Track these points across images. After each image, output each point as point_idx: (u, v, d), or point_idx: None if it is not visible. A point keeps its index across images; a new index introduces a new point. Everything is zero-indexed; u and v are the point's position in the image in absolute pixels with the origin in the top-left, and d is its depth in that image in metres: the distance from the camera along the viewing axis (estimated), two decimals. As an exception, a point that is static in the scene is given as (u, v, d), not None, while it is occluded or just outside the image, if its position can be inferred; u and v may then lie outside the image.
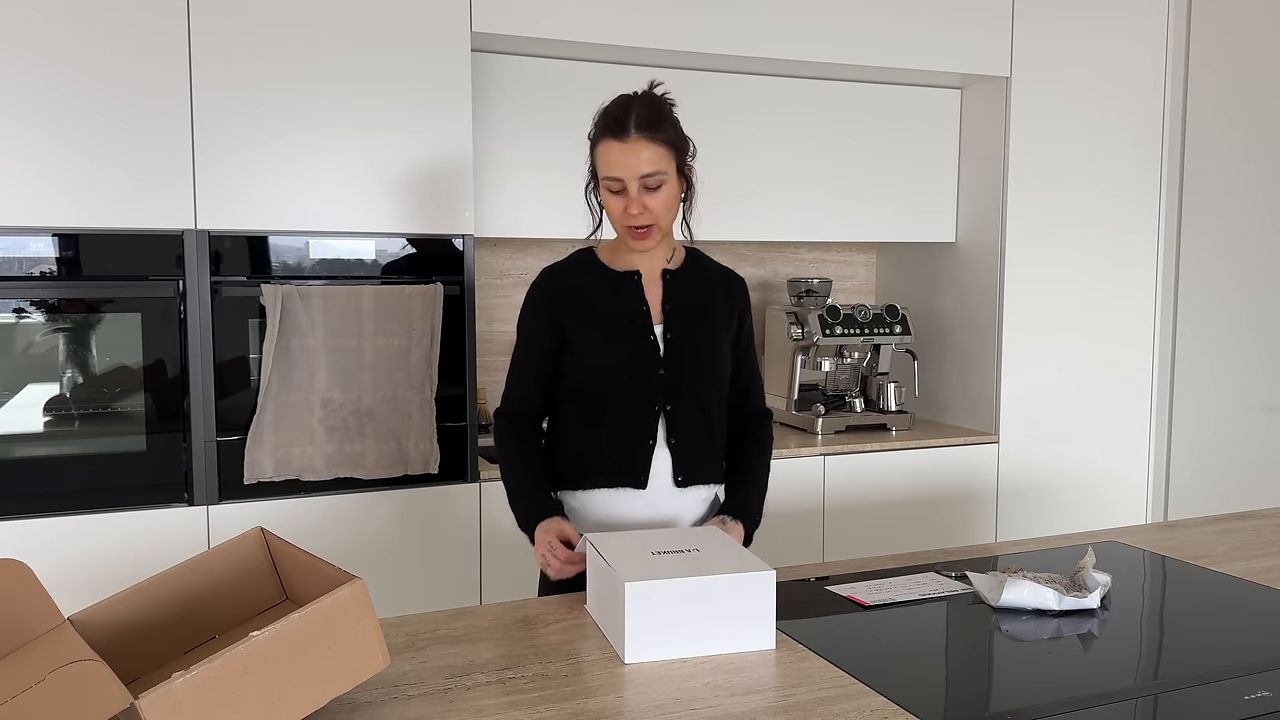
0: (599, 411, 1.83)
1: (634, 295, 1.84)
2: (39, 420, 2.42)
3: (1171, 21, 3.53)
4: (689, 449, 1.84)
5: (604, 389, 1.82)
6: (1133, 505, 3.65)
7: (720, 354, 1.87)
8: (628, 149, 1.72)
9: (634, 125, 1.71)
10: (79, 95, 2.39)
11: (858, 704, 1.27)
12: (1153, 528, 2.19)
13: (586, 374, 1.83)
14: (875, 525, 3.27)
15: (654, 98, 1.77)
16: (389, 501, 2.70)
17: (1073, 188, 3.45)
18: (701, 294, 1.88)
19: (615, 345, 1.81)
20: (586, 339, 1.82)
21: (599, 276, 1.86)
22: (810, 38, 3.10)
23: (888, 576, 1.79)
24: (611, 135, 1.73)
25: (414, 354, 2.67)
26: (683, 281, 1.88)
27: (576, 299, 1.84)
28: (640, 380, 1.81)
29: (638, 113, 1.72)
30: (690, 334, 1.84)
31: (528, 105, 2.99)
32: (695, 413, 1.84)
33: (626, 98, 1.76)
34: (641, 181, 1.73)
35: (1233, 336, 3.40)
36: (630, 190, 1.74)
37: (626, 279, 1.86)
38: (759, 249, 3.73)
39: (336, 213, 2.62)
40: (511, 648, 1.45)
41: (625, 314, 1.83)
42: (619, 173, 1.73)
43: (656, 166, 1.73)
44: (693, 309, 1.86)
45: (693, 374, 1.83)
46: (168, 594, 1.34)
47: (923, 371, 3.72)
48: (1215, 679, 1.36)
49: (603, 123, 1.76)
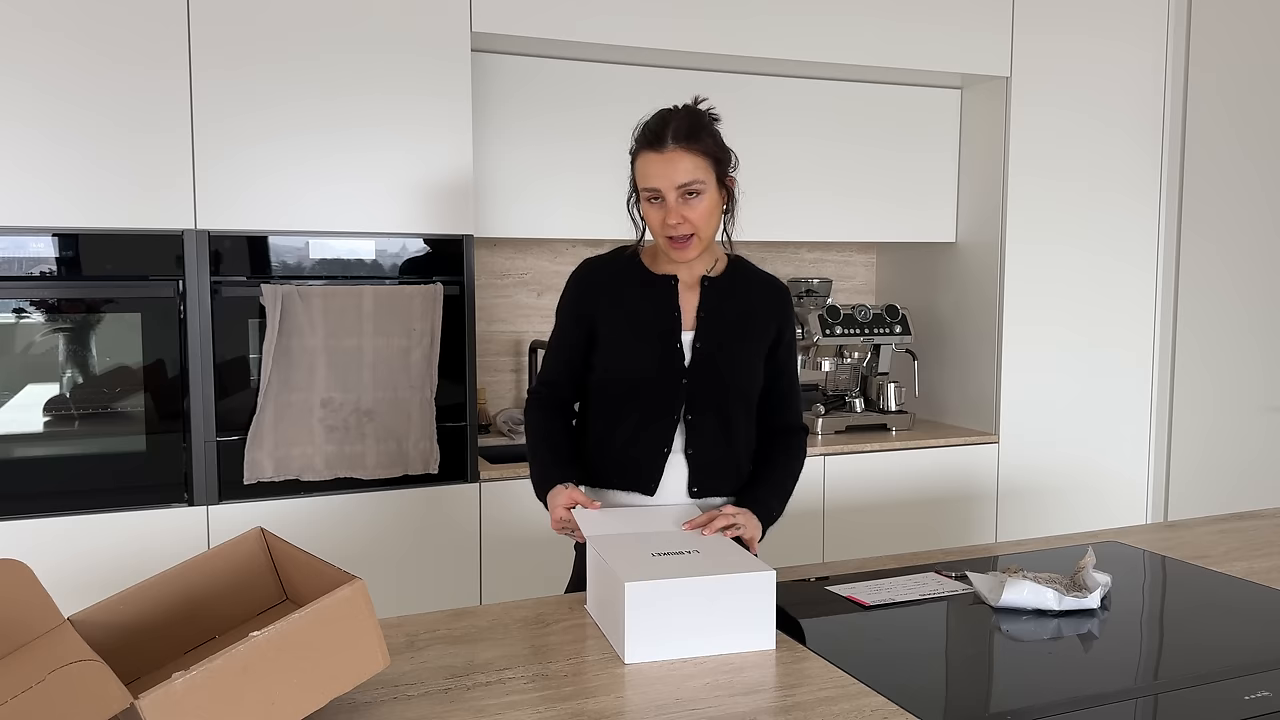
0: (619, 412, 1.83)
1: (667, 300, 1.83)
2: (39, 420, 2.42)
3: (1172, 21, 3.53)
4: (707, 460, 1.83)
5: (626, 391, 1.82)
6: (1133, 505, 3.65)
7: (750, 366, 1.85)
8: (665, 159, 1.70)
9: (671, 136, 1.70)
10: (79, 96, 2.39)
11: (858, 704, 1.27)
12: (1153, 528, 2.19)
13: (610, 373, 1.83)
14: (875, 525, 3.27)
15: (695, 111, 1.75)
16: (389, 501, 2.70)
17: (1073, 188, 3.45)
18: (740, 303, 1.86)
19: (640, 348, 1.81)
20: (613, 338, 1.82)
21: (635, 277, 1.85)
22: (811, 38, 3.10)
23: (888, 576, 1.79)
24: (649, 147, 1.72)
25: (414, 354, 2.67)
26: (721, 290, 1.85)
27: (609, 296, 1.84)
28: (662, 387, 1.80)
29: (676, 124, 1.71)
30: (721, 344, 1.82)
31: (528, 105, 2.99)
32: (716, 424, 1.82)
33: (666, 111, 1.75)
34: (679, 191, 1.71)
35: (1233, 336, 3.40)
36: (669, 201, 1.72)
37: (662, 283, 1.84)
38: (759, 249, 3.73)
39: (336, 213, 2.62)
40: (511, 648, 1.45)
41: (655, 318, 1.82)
42: (656, 183, 1.71)
43: (694, 176, 1.70)
44: (728, 319, 1.84)
45: (717, 385, 1.81)
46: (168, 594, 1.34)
47: (923, 371, 3.72)
48: (1215, 679, 1.36)
49: (642, 135, 1.75)
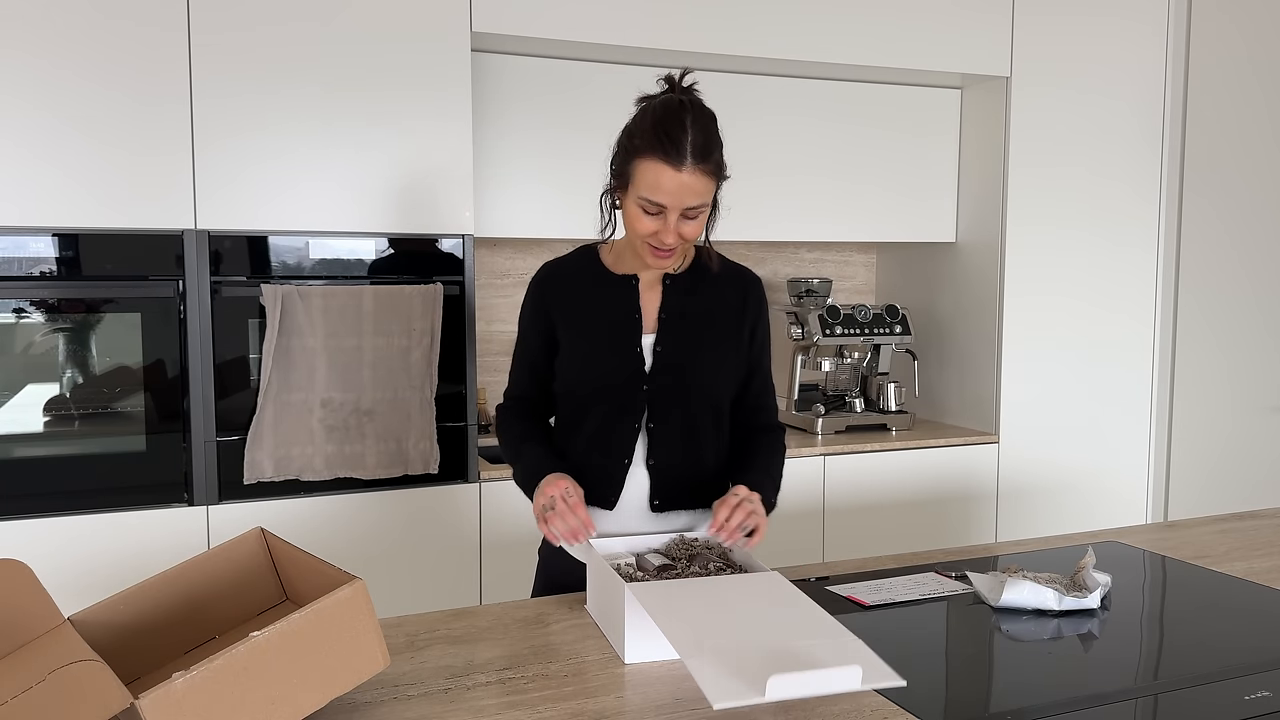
0: (579, 421, 1.74)
1: (627, 301, 1.73)
2: (39, 420, 2.42)
3: (1172, 22, 3.53)
4: (670, 472, 1.72)
5: (585, 398, 1.72)
6: (1133, 505, 3.65)
7: (718, 370, 1.74)
8: (680, 180, 1.56)
9: (691, 153, 1.55)
10: (79, 95, 2.39)
11: (858, 704, 1.27)
12: (1153, 528, 2.19)
13: (568, 380, 1.74)
14: (875, 525, 3.27)
15: (706, 115, 1.61)
16: (389, 501, 2.70)
17: (1073, 187, 3.45)
18: (705, 300, 1.75)
19: (599, 354, 1.71)
20: (571, 343, 1.73)
21: (595, 278, 1.75)
22: (811, 38, 3.10)
23: (888, 577, 1.79)
24: (665, 158, 1.56)
25: (414, 354, 2.67)
26: (684, 288, 1.75)
27: (568, 299, 1.74)
28: (622, 394, 1.70)
29: (694, 136, 1.56)
30: (684, 347, 1.72)
31: (527, 105, 2.99)
32: (681, 433, 1.72)
33: (680, 110, 1.59)
34: (683, 211, 1.60)
35: (1233, 336, 3.40)
36: (670, 219, 1.59)
37: (622, 283, 1.74)
38: (759, 249, 3.73)
39: (336, 213, 2.62)
40: (511, 648, 1.45)
41: (614, 321, 1.72)
42: (665, 200, 1.58)
43: (703, 199, 1.60)
44: (692, 318, 1.73)
45: (680, 391, 1.71)
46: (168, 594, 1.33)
47: (923, 371, 3.72)
48: (1215, 679, 1.36)
49: (655, 138, 1.57)
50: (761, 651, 1.22)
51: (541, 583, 1.86)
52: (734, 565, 1.55)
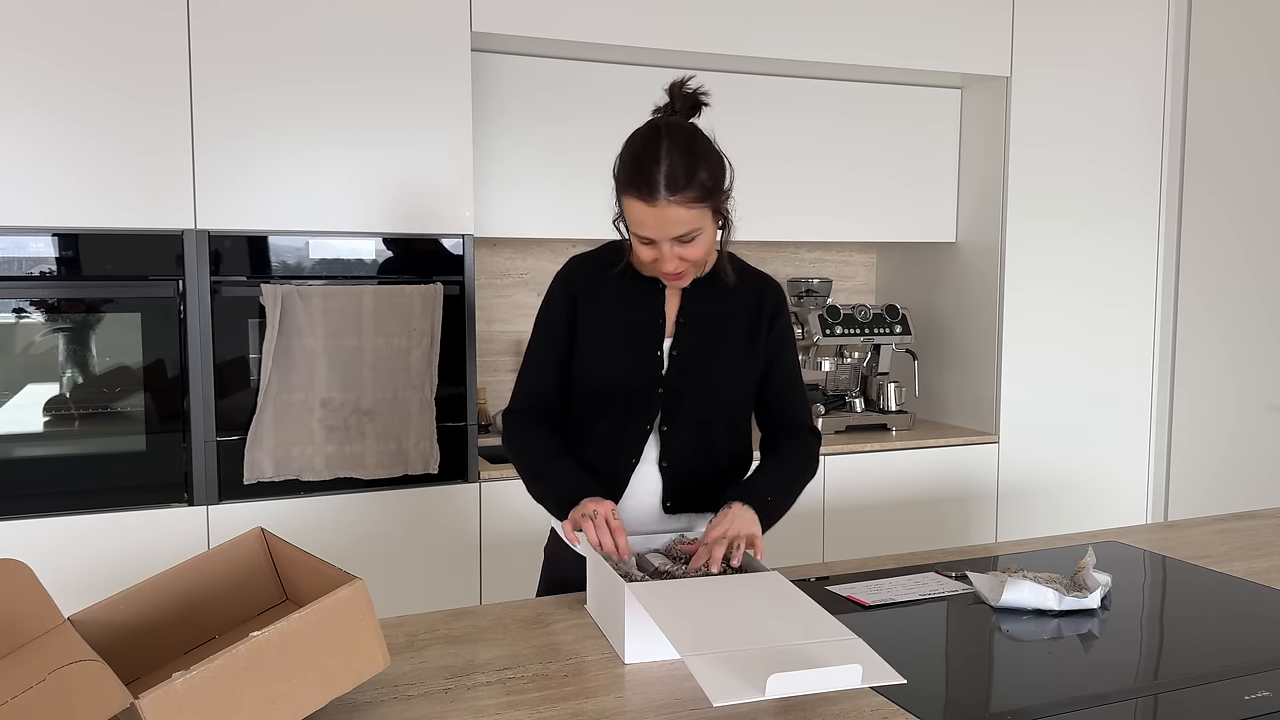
0: (591, 418, 1.74)
1: (653, 304, 1.73)
2: (39, 420, 2.42)
3: (1172, 22, 3.53)
4: (684, 473, 1.72)
5: (600, 398, 1.72)
6: (1133, 505, 3.65)
7: (733, 373, 1.74)
8: (659, 214, 1.53)
9: (665, 186, 1.51)
10: (79, 95, 2.39)
11: (858, 704, 1.27)
12: (1153, 528, 2.19)
13: (586, 379, 1.73)
14: (875, 525, 3.27)
15: (686, 137, 1.56)
16: (389, 501, 2.70)
17: (1073, 187, 3.45)
18: (723, 305, 1.74)
19: (621, 355, 1.71)
20: (591, 340, 1.73)
21: (624, 278, 1.74)
22: (811, 38, 3.10)
23: (888, 576, 1.79)
24: (639, 196, 1.53)
25: (414, 354, 2.67)
26: (704, 292, 1.74)
27: (595, 295, 1.73)
28: (637, 395, 1.70)
29: (668, 167, 1.52)
30: (698, 350, 1.72)
31: (528, 105, 2.99)
32: (695, 435, 1.72)
33: (655, 140, 1.55)
34: (676, 238, 1.57)
35: (1233, 336, 3.40)
36: (664, 249, 1.58)
37: (651, 286, 1.73)
38: (759, 249, 3.73)
39: (336, 213, 2.62)
40: (511, 648, 1.45)
41: (638, 323, 1.72)
42: (650, 234, 1.57)
43: (689, 227, 1.55)
44: (708, 322, 1.73)
45: (693, 394, 1.71)
46: (168, 594, 1.33)
47: (923, 371, 3.72)
48: (1215, 679, 1.36)
49: (629, 171, 1.56)
50: (761, 650, 1.22)
51: (547, 581, 1.87)
52: (734, 565, 1.55)
